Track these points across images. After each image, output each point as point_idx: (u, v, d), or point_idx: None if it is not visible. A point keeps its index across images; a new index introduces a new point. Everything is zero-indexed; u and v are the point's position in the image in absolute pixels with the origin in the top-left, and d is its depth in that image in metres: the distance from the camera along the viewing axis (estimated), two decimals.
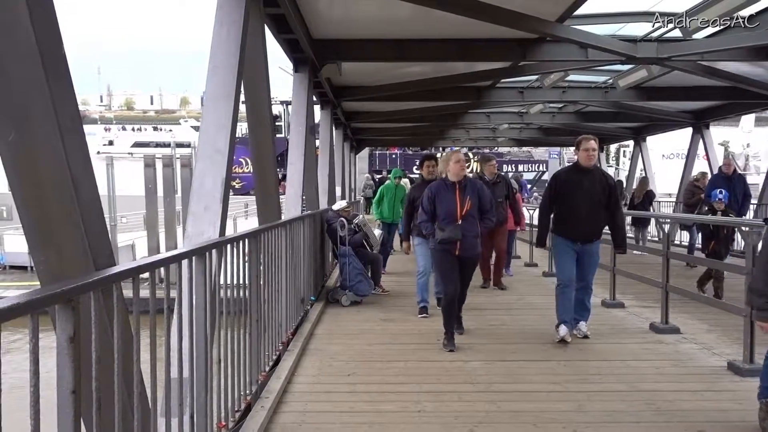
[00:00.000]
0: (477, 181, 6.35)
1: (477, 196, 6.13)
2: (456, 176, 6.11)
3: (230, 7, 4.74)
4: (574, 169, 6.40)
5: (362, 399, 4.72)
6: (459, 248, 6.05)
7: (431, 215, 6.18)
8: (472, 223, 6.12)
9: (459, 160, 6.13)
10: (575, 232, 6.25)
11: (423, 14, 7.58)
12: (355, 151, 25.08)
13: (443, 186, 6.19)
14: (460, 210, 6.05)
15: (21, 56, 2.13)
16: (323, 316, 7.74)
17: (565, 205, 6.26)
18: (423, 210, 6.22)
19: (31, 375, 1.72)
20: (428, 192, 6.23)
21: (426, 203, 6.19)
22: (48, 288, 1.88)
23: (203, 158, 4.40)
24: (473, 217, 6.12)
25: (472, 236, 6.11)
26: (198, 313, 3.23)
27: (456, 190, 6.11)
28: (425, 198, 6.21)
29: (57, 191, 2.27)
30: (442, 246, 6.07)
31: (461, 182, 6.13)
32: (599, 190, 6.18)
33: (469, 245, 6.09)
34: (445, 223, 6.05)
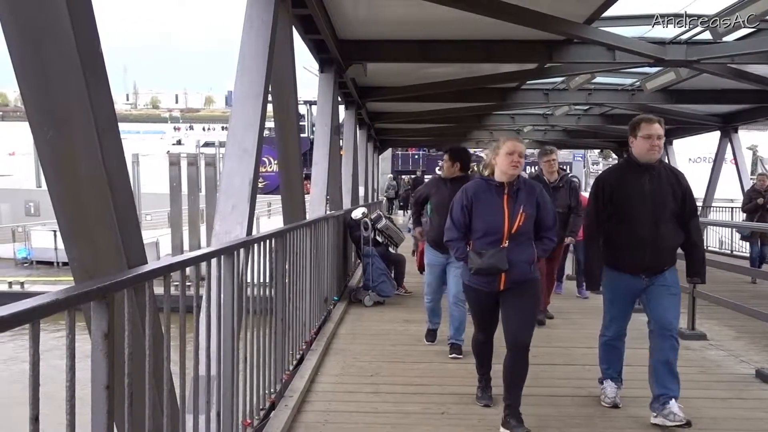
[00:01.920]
0: (536, 183, 4.44)
1: (535, 205, 4.15)
2: (506, 174, 4.11)
3: (259, 8, 4.78)
4: (627, 168, 4.44)
5: (386, 400, 4.72)
6: (504, 281, 4.11)
7: (464, 230, 4.25)
8: (525, 245, 4.14)
9: (514, 151, 4.06)
10: (637, 261, 4.27)
11: (449, 15, 7.57)
12: (379, 152, 25.12)
13: (485, 188, 4.20)
14: (509, 225, 4.06)
15: (62, 57, 2.17)
16: (346, 316, 7.76)
17: (620, 221, 4.31)
18: (452, 222, 4.29)
19: (67, 371, 1.74)
20: (463, 195, 4.27)
21: (458, 212, 4.25)
22: (84, 285, 1.91)
23: (231, 157, 4.44)
24: (527, 236, 4.14)
25: (524, 263, 4.13)
26: (226, 311, 3.26)
27: (504, 194, 4.12)
28: (457, 204, 4.27)
29: (93, 189, 2.31)
30: (479, 280, 4.18)
31: (513, 184, 4.13)
32: (668, 195, 4.27)
33: (518, 276, 4.12)
34: (485, 244, 4.11)
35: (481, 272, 4.12)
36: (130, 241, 2.46)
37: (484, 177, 4.28)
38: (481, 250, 4.12)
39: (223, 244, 3.44)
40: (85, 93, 2.19)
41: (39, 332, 1.59)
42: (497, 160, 4.15)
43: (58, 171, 2.32)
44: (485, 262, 4.09)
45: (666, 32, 9.19)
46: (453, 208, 4.32)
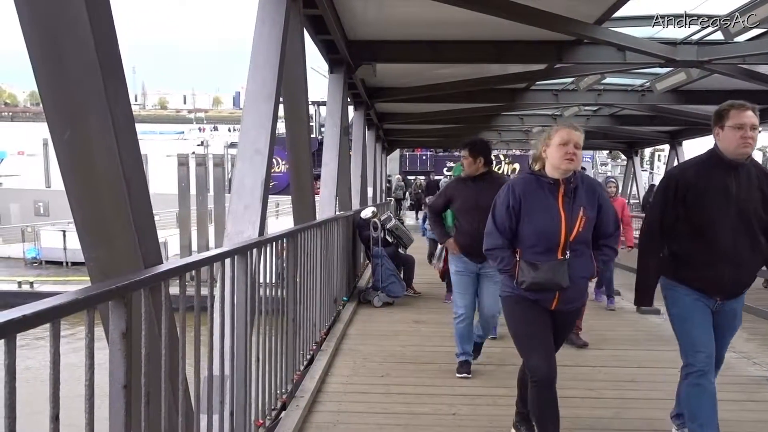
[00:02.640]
0: (597, 181, 3.82)
1: (596, 206, 3.45)
2: (559, 169, 3.38)
3: (271, 9, 4.79)
4: (709, 164, 3.57)
5: (396, 401, 4.72)
6: (558, 300, 3.43)
7: (510, 236, 3.49)
8: (584, 256, 3.45)
9: (568, 140, 3.34)
10: (714, 280, 3.48)
11: (458, 16, 7.56)
12: (387, 152, 25.12)
13: (535, 185, 3.46)
14: (567, 231, 3.35)
15: (80, 57, 2.18)
16: (355, 317, 7.76)
17: (693, 228, 3.48)
18: (495, 225, 3.52)
19: (86, 369, 1.75)
20: (508, 194, 3.50)
21: (502, 214, 3.48)
22: (103, 284, 1.92)
23: (243, 158, 4.45)
24: (586, 244, 3.45)
25: (582, 278, 3.48)
26: (239, 311, 3.26)
27: (559, 193, 3.39)
28: (500, 204, 3.52)
29: (110, 189, 2.32)
30: (530, 295, 3.44)
31: (569, 181, 3.40)
32: (758, 201, 3.46)
33: (575, 295, 3.48)
34: (537, 254, 3.38)
35: (535, 288, 3.39)
36: (146, 241, 2.46)
37: (535, 172, 3.50)
38: (535, 261, 3.37)
39: (237, 244, 3.45)
40: (102, 93, 2.20)
41: (59, 331, 1.60)
42: (548, 151, 3.41)
43: (76, 170, 2.33)
44: (542, 276, 3.34)
45: (677, 32, 9.15)
46: (496, 210, 3.51)
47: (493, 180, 5.18)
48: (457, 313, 5.37)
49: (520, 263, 3.43)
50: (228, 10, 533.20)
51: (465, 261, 5.26)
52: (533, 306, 3.48)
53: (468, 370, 5.38)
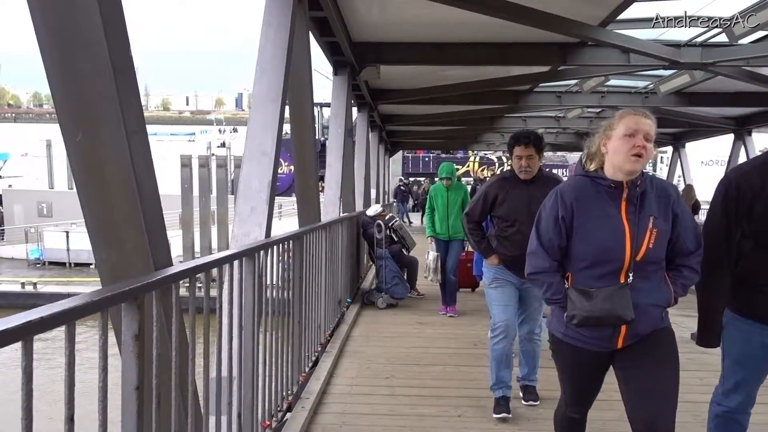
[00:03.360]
0: (669, 184, 2.97)
1: (670, 216, 2.71)
2: (623, 169, 2.66)
3: (278, 11, 4.81)
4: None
5: (402, 402, 4.73)
6: (625, 336, 2.69)
7: (558, 257, 2.77)
8: (656, 279, 2.70)
9: (636, 130, 2.62)
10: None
11: (463, 18, 7.56)
12: (390, 154, 25.13)
13: (590, 190, 2.74)
14: (633, 248, 2.63)
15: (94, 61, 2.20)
16: (359, 318, 7.77)
17: (760, 246, 2.86)
18: (539, 243, 2.79)
19: (99, 371, 1.76)
20: (556, 203, 2.76)
21: (548, 228, 2.76)
22: (116, 286, 1.93)
23: (250, 160, 4.47)
24: (658, 265, 2.70)
25: (654, 306, 2.70)
26: (246, 313, 3.27)
27: (622, 200, 2.68)
28: (546, 217, 2.78)
29: (121, 191, 2.33)
30: (584, 335, 2.72)
31: (636, 184, 2.69)
32: None
33: (648, 324, 2.68)
34: (593, 278, 2.66)
35: (590, 323, 2.63)
36: (156, 243, 2.48)
37: (590, 173, 2.74)
38: (589, 288, 2.62)
39: (244, 246, 3.47)
40: (115, 96, 2.22)
41: (75, 333, 1.61)
42: (609, 145, 2.67)
43: (87, 173, 2.34)
44: (598, 307, 2.60)
45: (681, 35, 9.16)
46: (540, 224, 2.78)
47: (547, 181, 4.36)
48: (496, 328, 4.44)
49: (568, 292, 2.68)
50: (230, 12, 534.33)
51: (504, 271, 4.52)
52: (583, 355, 2.78)
53: (507, 408, 4.42)
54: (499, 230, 4.55)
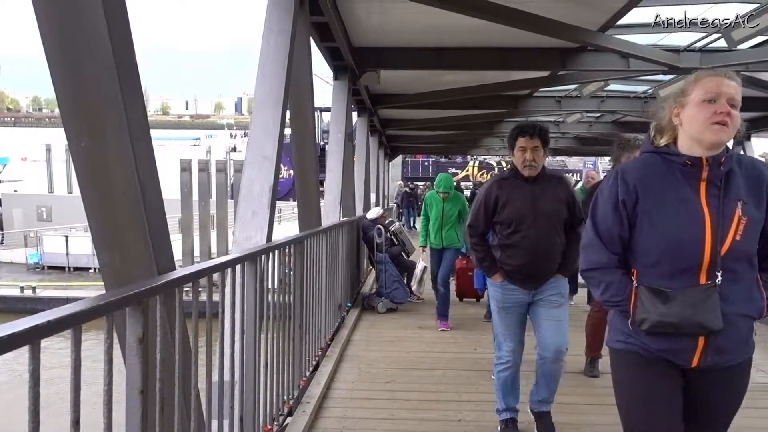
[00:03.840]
0: (762, 163, 2.33)
1: (765, 200, 2.17)
2: (704, 142, 2.14)
3: (279, 16, 4.83)
4: None
5: (402, 407, 4.74)
6: (703, 351, 2.15)
7: (620, 250, 2.27)
8: (745, 281, 2.16)
9: (718, 93, 2.11)
10: None
11: (463, 23, 7.59)
12: (389, 158, 25.16)
13: (660, 169, 2.21)
14: (714, 242, 2.11)
15: (99, 67, 2.21)
16: (359, 323, 7.78)
17: None
18: (596, 234, 2.29)
19: (104, 374, 1.77)
20: (617, 184, 2.24)
21: (607, 216, 2.26)
22: (120, 290, 1.94)
23: (251, 164, 4.48)
24: (747, 261, 2.17)
25: (743, 317, 2.17)
26: (248, 317, 3.29)
27: (701, 181, 2.15)
28: (604, 202, 2.28)
29: (126, 196, 2.34)
30: (655, 345, 2.18)
31: (718, 161, 2.16)
32: None
33: (732, 344, 2.16)
34: (665, 277, 2.15)
35: (664, 329, 2.11)
36: (159, 247, 2.49)
37: (659, 148, 2.22)
38: (664, 289, 2.11)
39: (247, 251, 3.48)
40: (120, 102, 2.23)
41: (81, 337, 1.62)
42: (684, 113, 2.16)
43: (92, 178, 2.36)
44: (677, 312, 2.08)
45: (680, 40, 9.19)
46: (597, 211, 2.26)
47: (551, 179, 4.02)
48: (501, 358, 4.06)
49: (638, 291, 2.16)
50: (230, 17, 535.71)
51: (512, 290, 3.95)
52: (660, 371, 2.18)
53: (515, 427, 4.17)
54: (503, 238, 3.95)
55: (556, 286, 4.01)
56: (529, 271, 3.92)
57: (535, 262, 3.90)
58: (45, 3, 2.16)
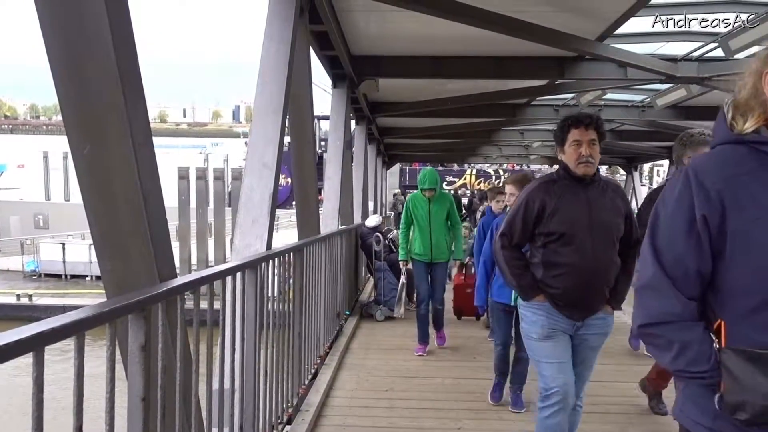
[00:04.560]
0: None
1: None
2: None
3: (279, 25, 4.84)
4: None
5: (402, 415, 4.73)
6: None
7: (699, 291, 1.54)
8: None
9: None
10: None
11: (461, 32, 7.62)
12: (387, 167, 25.19)
13: (750, 163, 1.49)
14: None
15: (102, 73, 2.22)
16: (358, 331, 7.77)
17: None
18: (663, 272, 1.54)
19: (107, 382, 1.77)
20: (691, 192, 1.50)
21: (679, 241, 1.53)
22: (123, 298, 1.94)
23: (251, 172, 4.49)
24: None
25: None
26: (248, 325, 3.28)
27: None
28: (672, 219, 1.55)
29: (128, 203, 2.35)
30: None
31: None
32: None
33: None
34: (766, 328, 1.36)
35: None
36: (161, 255, 2.49)
37: (746, 136, 1.55)
38: None
39: (247, 258, 3.48)
40: (123, 108, 2.24)
41: (84, 344, 1.62)
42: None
43: (94, 185, 2.36)
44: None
45: (677, 49, 9.23)
46: (656, 234, 1.60)
47: (607, 184, 3.34)
48: (551, 395, 3.23)
49: (723, 357, 1.47)
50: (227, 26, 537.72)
51: (556, 315, 3.24)
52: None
53: None
54: (548, 253, 3.23)
55: (604, 324, 3.33)
56: (579, 296, 3.21)
57: (587, 284, 3.19)
58: (49, 11, 2.17)
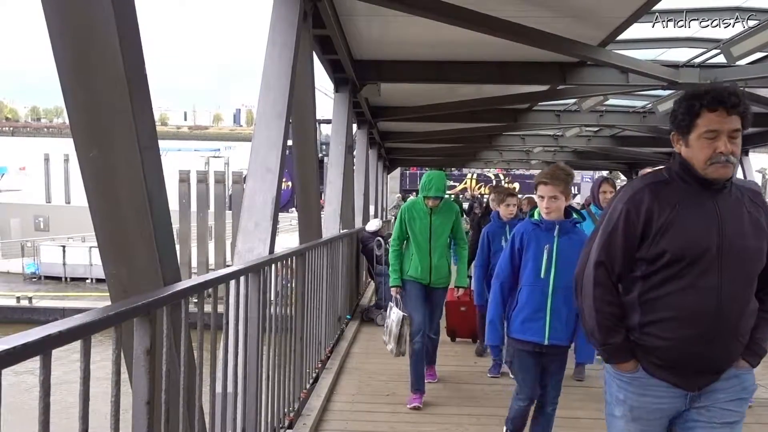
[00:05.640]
0: None
1: None
2: None
3: (283, 29, 4.85)
4: None
5: (403, 419, 4.72)
6: None
7: None
8: None
9: None
10: None
11: (463, 37, 7.63)
12: (388, 171, 25.21)
13: None
14: None
15: (110, 78, 2.23)
16: (359, 335, 7.76)
17: None
18: None
19: (112, 386, 1.77)
20: None
21: None
22: (130, 301, 1.94)
23: (254, 176, 4.49)
24: None
25: None
26: (251, 328, 3.28)
27: None
28: None
29: (133, 207, 2.35)
30: None
31: None
32: None
33: None
34: None
35: None
36: (166, 259, 2.49)
37: None
38: None
39: (250, 262, 3.48)
40: (129, 112, 2.24)
41: (90, 348, 1.62)
42: None
43: (100, 188, 2.36)
44: None
45: (679, 55, 9.24)
46: None
47: (741, 191, 2.31)
48: None
49: None
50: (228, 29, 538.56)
51: (656, 388, 2.31)
52: None
53: None
54: (649, 288, 2.26)
55: (739, 383, 2.30)
56: (698, 352, 2.21)
57: (709, 337, 2.19)
58: (58, 16, 2.17)
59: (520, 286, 3.55)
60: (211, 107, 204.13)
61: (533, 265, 3.49)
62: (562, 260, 3.40)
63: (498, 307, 3.66)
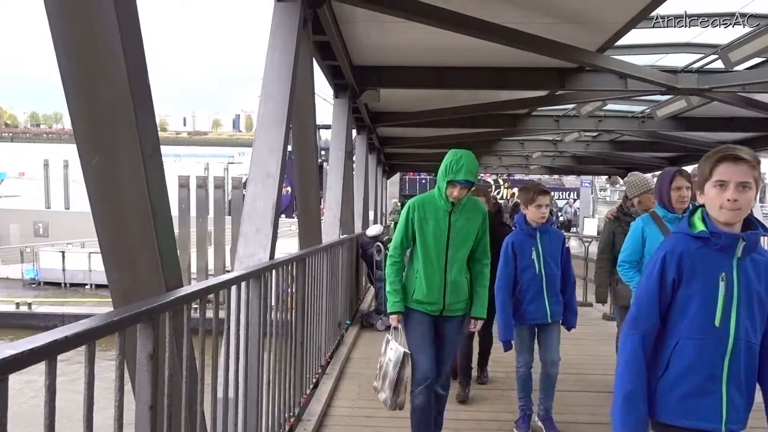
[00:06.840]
0: None
1: None
2: None
3: (283, 35, 4.88)
4: None
5: (404, 425, 4.69)
6: None
7: None
8: None
9: None
10: None
11: (462, 42, 7.67)
12: (388, 176, 25.24)
13: None
14: None
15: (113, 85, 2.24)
16: (359, 340, 7.76)
17: None
18: None
19: (115, 391, 1.78)
20: None
21: None
22: (133, 307, 1.95)
23: (255, 181, 4.50)
24: None
25: None
26: (252, 334, 3.29)
27: None
28: None
29: (136, 213, 2.36)
30: None
31: None
32: None
33: None
34: None
35: None
36: (168, 264, 2.50)
37: None
38: None
39: (251, 267, 3.49)
40: (132, 120, 2.26)
41: (95, 353, 1.63)
42: None
43: (103, 195, 2.38)
44: None
45: (678, 61, 9.28)
46: None
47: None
48: None
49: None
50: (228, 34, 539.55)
51: None
52: None
53: None
54: None
55: None
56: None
57: None
58: (62, 25, 2.19)
59: (677, 338, 2.17)
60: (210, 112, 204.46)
61: (701, 306, 2.15)
62: (747, 297, 2.14)
63: (641, 375, 2.19)
